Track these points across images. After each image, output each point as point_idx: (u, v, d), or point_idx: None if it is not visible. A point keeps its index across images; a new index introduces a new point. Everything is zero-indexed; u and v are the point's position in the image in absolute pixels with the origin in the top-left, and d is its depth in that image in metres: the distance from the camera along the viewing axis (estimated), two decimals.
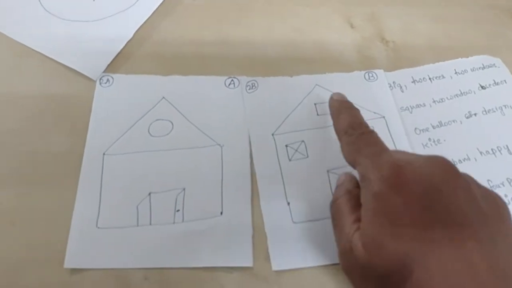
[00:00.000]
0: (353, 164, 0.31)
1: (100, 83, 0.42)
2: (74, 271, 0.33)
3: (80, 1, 0.47)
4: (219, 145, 0.39)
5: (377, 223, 0.26)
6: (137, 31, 0.45)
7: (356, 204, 0.29)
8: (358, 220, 0.28)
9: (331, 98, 0.37)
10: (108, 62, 0.43)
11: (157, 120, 0.40)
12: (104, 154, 0.38)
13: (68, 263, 0.33)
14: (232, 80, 0.42)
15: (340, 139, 0.33)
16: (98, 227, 0.35)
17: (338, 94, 0.37)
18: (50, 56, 0.42)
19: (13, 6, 0.46)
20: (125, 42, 0.44)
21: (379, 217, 0.26)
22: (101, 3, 0.47)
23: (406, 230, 0.25)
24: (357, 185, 0.31)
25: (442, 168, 0.27)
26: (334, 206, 0.31)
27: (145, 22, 0.46)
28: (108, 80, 0.42)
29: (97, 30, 0.45)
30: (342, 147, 0.32)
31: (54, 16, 0.45)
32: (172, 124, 0.40)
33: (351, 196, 0.30)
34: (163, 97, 0.41)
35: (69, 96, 0.41)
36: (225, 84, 0.42)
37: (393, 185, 0.26)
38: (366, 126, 0.33)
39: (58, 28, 0.45)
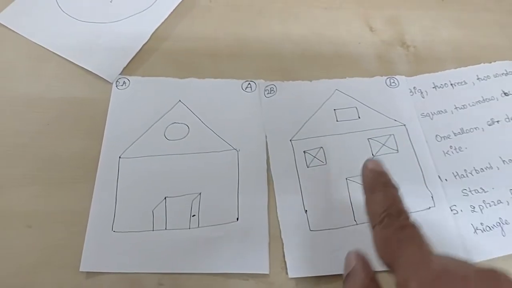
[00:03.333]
0: (389, 265, 0.25)
1: (117, 86, 0.41)
2: (89, 274, 0.33)
3: (97, 3, 0.47)
4: (236, 149, 0.38)
5: None
6: (153, 33, 0.45)
7: None
8: None
9: (365, 167, 0.30)
10: (125, 64, 0.42)
11: (173, 123, 0.40)
12: (120, 157, 0.38)
13: (84, 267, 0.33)
14: (249, 84, 0.42)
15: (372, 226, 0.27)
16: (114, 231, 0.34)
17: (374, 161, 0.30)
18: (67, 58, 0.43)
19: (32, 8, 0.46)
20: (142, 44, 0.44)
21: None
22: (118, 5, 0.47)
23: None
24: (373, 276, 0.26)
25: None
26: None
27: (161, 24, 0.46)
28: (124, 82, 0.42)
29: (114, 32, 0.45)
30: (374, 238, 0.26)
31: (71, 17, 0.45)
32: (188, 127, 0.39)
33: None
34: (180, 100, 0.41)
35: (86, 98, 0.41)
36: (242, 87, 0.42)
37: None
38: (406, 216, 0.27)
39: (75, 29, 0.45)
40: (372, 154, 0.38)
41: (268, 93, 0.41)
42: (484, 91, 0.43)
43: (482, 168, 0.38)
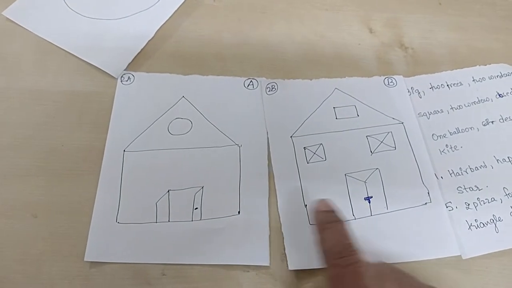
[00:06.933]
0: None
1: (122, 81, 0.42)
2: (93, 264, 0.34)
3: (103, 1, 0.47)
4: (237, 145, 0.39)
5: None
6: (158, 30, 0.45)
7: None
8: None
9: (316, 210, 0.34)
10: (130, 61, 0.43)
11: (176, 118, 0.40)
12: (124, 151, 0.38)
13: (88, 256, 0.33)
14: (251, 81, 0.43)
15: (325, 261, 0.31)
16: (118, 222, 0.35)
17: (323, 202, 0.34)
18: (73, 53, 0.43)
19: (38, 3, 0.47)
20: (147, 41, 0.44)
21: None
22: (123, 1, 0.48)
23: None
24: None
25: None
26: None
27: (166, 22, 0.46)
28: (129, 78, 0.43)
29: (119, 29, 0.45)
30: (327, 274, 0.31)
31: (77, 14, 0.46)
32: (192, 123, 0.40)
33: None
34: (183, 96, 0.42)
35: (92, 92, 0.41)
36: (244, 85, 0.43)
37: None
38: (353, 252, 0.31)
39: (81, 25, 0.45)
40: (371, 151, 0.39)
41: (269, 91, 0.42)
42: (479, 92, 0.44)
43: (476, 167, 0.40)
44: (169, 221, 0.36)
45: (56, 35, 0.44)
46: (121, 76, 0.42)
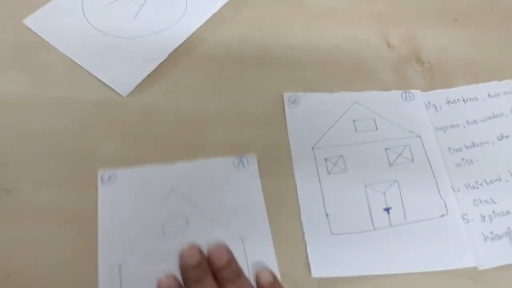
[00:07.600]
0: None
1: (102, 182, 0.38)
2: None
3: (122, 18, 0.48)
4: (240, 238, 0.36)
5: None
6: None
7: None
8: None
9: (181, 266, 0.30)
10: (139, 81, 0.43)
11: (170, 216, 0.37)
12: (120, 266, 0.35)
13: None
14: (240, 160, 0.40)
15: None
16: None
17: (190, 252, 0.30)
18: (85, 68, 0.44)
19: (58, 15, 0.47)
20: (159, 63, 0.44)
21: None
22: (141, 21, 0.48)
23: None
24: None
25: None
26: None
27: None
28: (110, 177, 0.38)
29: (134, 48, 0.46)
30: None
31: (95, 29, 0.47)
32: (187, 219, 0.37)
33: None
34: (172, 189, 0.38)
35: (119, 101, 0.43)
36: (233, 164, 0.39)
37: None
38: None
39: (97, 41, 0.46)
40: (389, 163, 0.40)
41: (291, 104, 0.43)
42: (494, 107, 0.45)
43: (491, 180, 0.41)
44: None
45: (71, 47, 0.45)
46: (101, 177, 0.38)
